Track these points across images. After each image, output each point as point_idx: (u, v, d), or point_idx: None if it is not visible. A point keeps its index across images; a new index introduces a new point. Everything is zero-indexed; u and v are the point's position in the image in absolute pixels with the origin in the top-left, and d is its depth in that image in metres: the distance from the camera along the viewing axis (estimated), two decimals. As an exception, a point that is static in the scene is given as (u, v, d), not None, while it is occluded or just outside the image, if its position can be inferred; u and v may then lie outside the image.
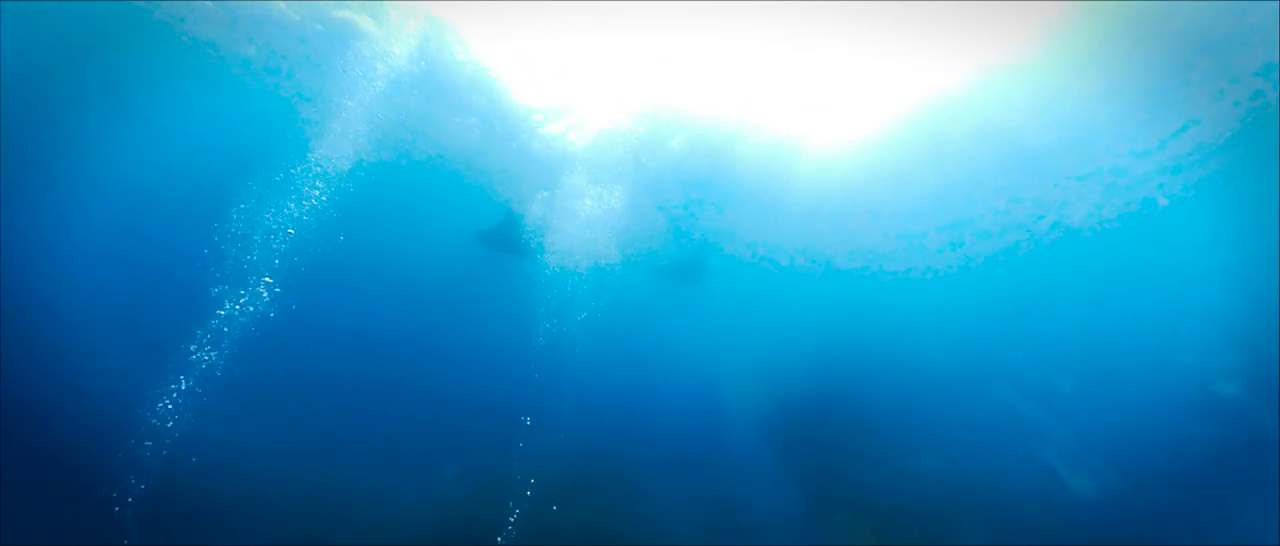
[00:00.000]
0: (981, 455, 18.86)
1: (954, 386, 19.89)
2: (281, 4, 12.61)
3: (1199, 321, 16.10)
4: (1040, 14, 11.99)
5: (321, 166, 15.14)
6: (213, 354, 14.18)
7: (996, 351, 19.42)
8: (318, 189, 15.24)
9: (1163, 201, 14.69)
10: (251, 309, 14.88)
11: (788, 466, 19.77)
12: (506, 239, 18.09)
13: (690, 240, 19.14)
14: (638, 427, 20.57)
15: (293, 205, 14.96)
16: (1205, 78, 11.95)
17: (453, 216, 18.52)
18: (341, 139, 15.03)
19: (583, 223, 17.24)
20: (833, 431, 20.15)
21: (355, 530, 14.88)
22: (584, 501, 16.93)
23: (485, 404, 19.46)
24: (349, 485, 16.11)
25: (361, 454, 17.39)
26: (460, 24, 13.39)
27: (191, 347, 14.16)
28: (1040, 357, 18.76)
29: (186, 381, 14.02)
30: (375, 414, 18.92)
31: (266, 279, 14.91)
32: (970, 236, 17.29)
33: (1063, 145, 14.06)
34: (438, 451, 18.04)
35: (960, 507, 18.01)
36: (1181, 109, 12.58)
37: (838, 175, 15.76)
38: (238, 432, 15.74)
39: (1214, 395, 15.98)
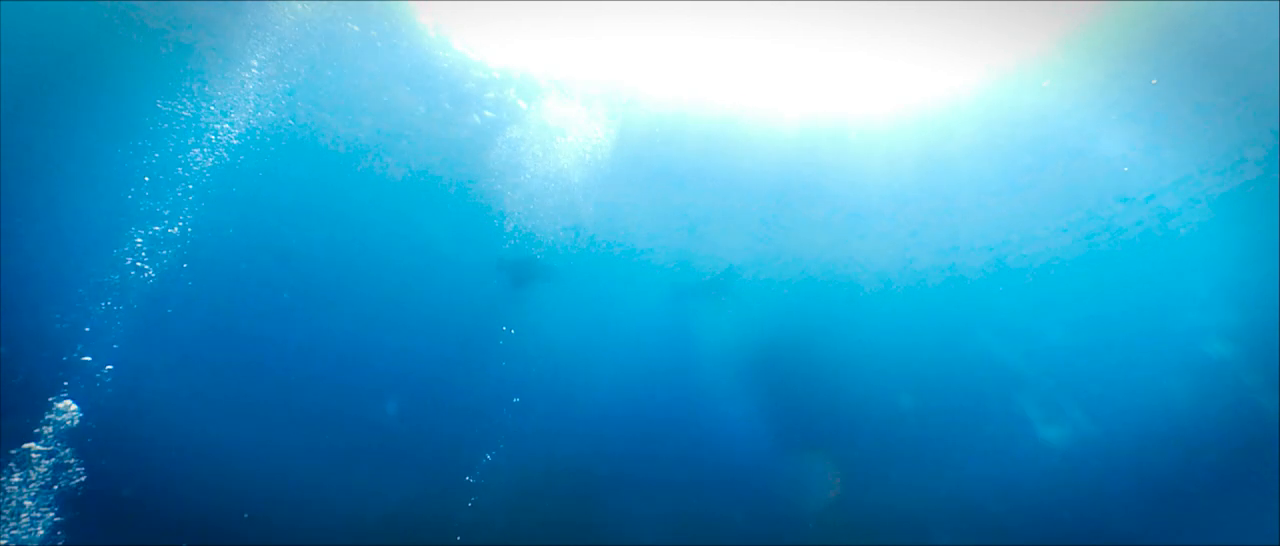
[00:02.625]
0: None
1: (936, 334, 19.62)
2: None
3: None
4: (1060, 17, 11.85)
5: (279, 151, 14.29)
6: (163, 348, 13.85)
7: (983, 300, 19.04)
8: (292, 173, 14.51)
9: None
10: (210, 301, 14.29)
11: (758, 406, 19.87)
12: (531, 273, 17.53)
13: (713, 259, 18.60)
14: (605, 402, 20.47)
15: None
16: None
17: (426, 207, 17.49)
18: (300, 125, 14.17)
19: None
20: (804, 371, 20.06)
21: (314, 531, 14.65)
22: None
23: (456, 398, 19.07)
24: (309, 485, 15.76)
25: (324, 453, 16.88)
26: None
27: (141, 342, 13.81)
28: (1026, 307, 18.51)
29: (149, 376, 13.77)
30: (339, 413, 18.31)
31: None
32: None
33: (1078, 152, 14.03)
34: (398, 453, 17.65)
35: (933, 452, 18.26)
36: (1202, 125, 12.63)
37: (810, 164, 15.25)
38: (199, 430, 15.49)
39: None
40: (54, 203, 14.60)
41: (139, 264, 13.69)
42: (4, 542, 11.56)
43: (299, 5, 12.05)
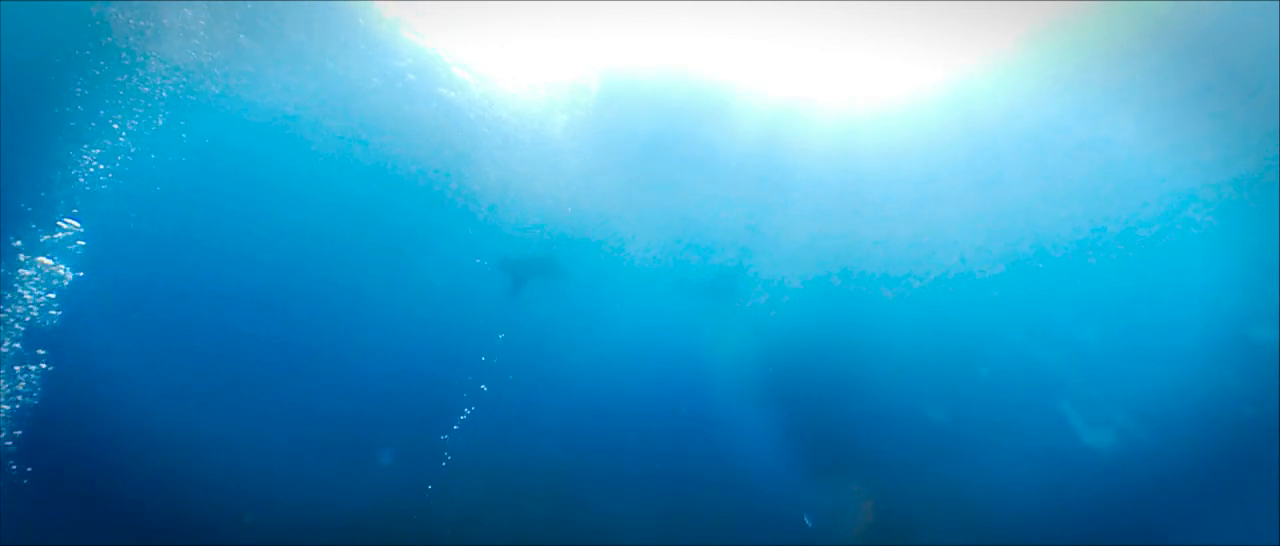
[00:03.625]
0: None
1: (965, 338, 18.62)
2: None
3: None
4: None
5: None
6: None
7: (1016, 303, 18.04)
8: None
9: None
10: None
11: (779, 425, 19.00)
12: (540, 268, 17.23)
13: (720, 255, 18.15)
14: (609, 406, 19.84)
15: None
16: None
17: (409, 200, 17.14)
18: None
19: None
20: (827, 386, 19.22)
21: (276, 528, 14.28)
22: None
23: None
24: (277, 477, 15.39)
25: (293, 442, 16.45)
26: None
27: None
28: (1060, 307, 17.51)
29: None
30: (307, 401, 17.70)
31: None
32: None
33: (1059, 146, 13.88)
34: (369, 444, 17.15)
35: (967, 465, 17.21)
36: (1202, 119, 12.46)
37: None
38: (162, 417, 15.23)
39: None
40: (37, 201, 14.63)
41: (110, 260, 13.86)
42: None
43: (280, 5, 12.00)
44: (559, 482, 16.73)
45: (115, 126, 13.42)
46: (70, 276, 13.37)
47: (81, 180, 13.61)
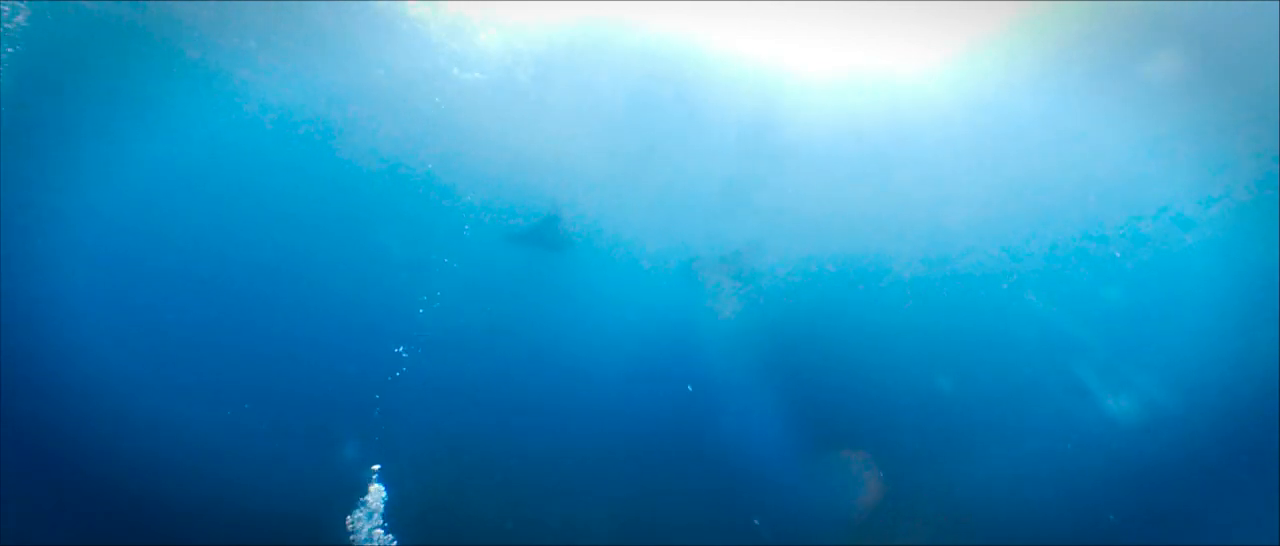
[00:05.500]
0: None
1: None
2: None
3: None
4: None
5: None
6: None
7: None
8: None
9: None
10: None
11: (778, 398, 18.72)
12: (548, 238, 16.91)
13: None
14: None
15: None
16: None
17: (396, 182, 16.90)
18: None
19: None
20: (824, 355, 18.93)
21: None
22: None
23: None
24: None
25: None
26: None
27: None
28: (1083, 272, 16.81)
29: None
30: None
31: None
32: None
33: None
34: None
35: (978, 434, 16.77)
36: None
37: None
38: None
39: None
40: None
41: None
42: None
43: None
44: (556, 470, 16.66)
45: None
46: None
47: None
